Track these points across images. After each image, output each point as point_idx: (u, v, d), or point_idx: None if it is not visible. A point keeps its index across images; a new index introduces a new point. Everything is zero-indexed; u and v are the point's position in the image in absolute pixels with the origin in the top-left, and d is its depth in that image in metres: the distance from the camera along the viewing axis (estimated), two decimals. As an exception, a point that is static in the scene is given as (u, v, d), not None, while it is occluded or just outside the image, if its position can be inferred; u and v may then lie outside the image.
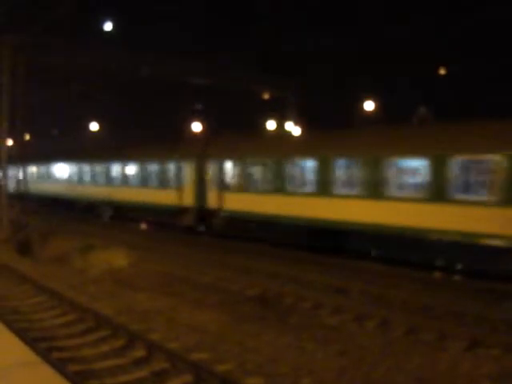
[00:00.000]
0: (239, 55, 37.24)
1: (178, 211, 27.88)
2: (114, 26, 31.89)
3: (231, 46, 42.88)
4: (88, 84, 40.12)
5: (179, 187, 27.97)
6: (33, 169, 47.45)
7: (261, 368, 9.79)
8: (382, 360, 10.23)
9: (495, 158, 15.48)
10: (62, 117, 58.06)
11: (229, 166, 25.16)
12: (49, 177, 45.34)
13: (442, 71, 39.05)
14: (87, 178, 38.40)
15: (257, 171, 24.18)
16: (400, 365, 9.99)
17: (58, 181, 43.30)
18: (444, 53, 39.17)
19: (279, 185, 22.43)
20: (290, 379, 9.30)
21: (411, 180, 17.73)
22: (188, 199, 27.27)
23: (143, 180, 31.66)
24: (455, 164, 16.21)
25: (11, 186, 46.68)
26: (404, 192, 17.69)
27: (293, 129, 42.42)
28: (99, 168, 36.77)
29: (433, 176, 16.76)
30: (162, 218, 30.07)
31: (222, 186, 25.19)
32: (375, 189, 18.17)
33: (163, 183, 29.62)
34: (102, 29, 31.97)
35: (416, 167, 17.49)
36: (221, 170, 25.43)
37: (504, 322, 12.07)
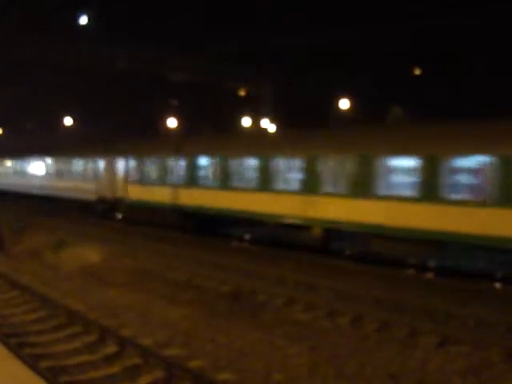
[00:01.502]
0: (215, 51, 37.12)
1: None
2: (89, 20, 31.64)
3: (208, 42, 42.75)
4: (62, 78, 39.80)
5: None
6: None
7: (233, 364, 9.81)
8: (354, 356, 10.30)
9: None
10: (36, 111, 57.49)
11: None
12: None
13: (417, 71, 39.41)
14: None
15: None
16: (371, 361, 10.07)
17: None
18: (419, 53, 39.51)
19: None
20: (262, 375, 9.34)
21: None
22: None
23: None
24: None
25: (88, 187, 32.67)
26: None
27: (268, 126, 42.52)
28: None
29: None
30: None
31: None
32: None
33: None
34: (77, 22, 31.71)
35: None
36: None
37: (474, 319, 12.23)
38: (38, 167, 43.03)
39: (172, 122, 45.79)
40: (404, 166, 17.36)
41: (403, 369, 9.73)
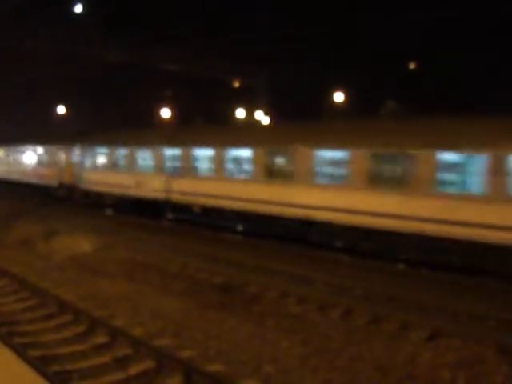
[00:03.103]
0: (211, 42, 37.01)
1: None
2: (85, 9, 31.48)
3: (202, 32, 42.68)
4: (55, 67, 39.61)
5: None
6: None
7: (223, 355, 9.81)
8: (345, 349, 10.32)
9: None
10: (27, 100, 57.22)
11: None
12: None
13: (412, 66, 39.44)
14: None
15: None
16: (362, 354, 10.09)
17: None
18: (415, 47, 39.55)
19: None
20: (253, 367, 9.35)
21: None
22: None
23: None
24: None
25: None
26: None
27: (262, 118, 42.48)
28: None
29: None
30: None
31: None
32: None
33: None
34: (72, 11, 31.55)
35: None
36: None
37: (465, 313, 12.26)
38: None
39: (166, 113, 45.66)
40: None
41: (393, 362, 9.75)
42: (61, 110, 51.46)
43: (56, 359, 9.44)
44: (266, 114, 43.02)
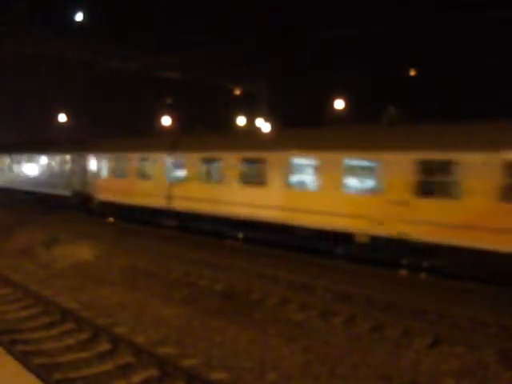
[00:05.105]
0: (211, 49, 37.10)
1: None
2: (86, 17, 31.57)
3: (204, 40, 42.82)
4: (57, 75, 39.67)
5: None
6: None
7: (226, 363, 9.81)
8: (347, 356, 10.31)
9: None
10: (29, 107, 57.29)
11: None
12: None
13: (413, 72, 39.51)
14: None
15: None
16: (364, 361, 10.08)
17: None
18: (415, 54, 39.63)
19: None
20: (255, 374, 9.34)
21: None
22: None
23: None
24: None
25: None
26: None
27: (263, 125, 42.54)
28: None
29: None
30: None
31: None
32: None
33: None
34: (73, 19, 31.63)
35: None
36: None
37: (467, 319, 12.26)
38: None
39: (166, 120, 45.69)
40: None
41: (396, 369, 9.75)
42: (62, 117, 51.51)
43: (59, 367, 9.43)
44: (266, 121, 43.10)
